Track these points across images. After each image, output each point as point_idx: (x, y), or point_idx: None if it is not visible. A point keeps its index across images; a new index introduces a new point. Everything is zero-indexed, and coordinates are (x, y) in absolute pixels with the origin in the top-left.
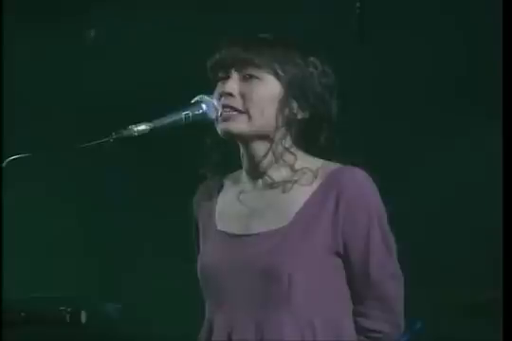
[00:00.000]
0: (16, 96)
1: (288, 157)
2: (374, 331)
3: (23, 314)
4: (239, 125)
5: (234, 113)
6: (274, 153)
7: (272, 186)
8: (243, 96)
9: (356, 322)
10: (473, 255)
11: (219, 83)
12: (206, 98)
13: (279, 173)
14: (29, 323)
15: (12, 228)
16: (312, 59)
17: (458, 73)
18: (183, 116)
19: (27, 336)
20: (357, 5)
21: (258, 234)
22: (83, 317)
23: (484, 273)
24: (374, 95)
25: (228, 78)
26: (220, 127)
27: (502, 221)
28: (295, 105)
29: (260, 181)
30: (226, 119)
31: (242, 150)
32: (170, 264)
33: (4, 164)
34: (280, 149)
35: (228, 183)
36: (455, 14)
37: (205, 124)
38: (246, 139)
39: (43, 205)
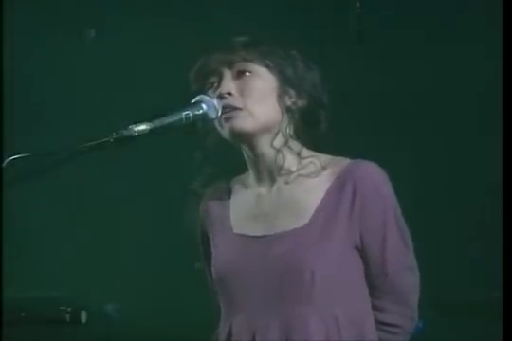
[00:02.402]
0: (16, 96)
1: (294, 145)
2: (390, 324)
3: (23, 314)
4: (244, 122)
5: (236, 111)
6: (280, 142)
7: (282, 175)
8: (241, 93)
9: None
10: (473, 255)
11: (210, 91)
12: (206, 98)
13: (287, 163)
14: (29, 323)
15: (12, 228)
16: (294, 53)
17: (458, 73)
18: (183, 116)
19: (27, 336)
20: (357, 5)
21: (278, 234)
22: (83, 317)
23: (485, 273)
24: (372, 95)
25: (219, 81)
26: (226, 127)
27: (502, 220)
28: (293, 93)
29: (272, 177)
30: (229, 119)
31: (247, 150)
32: (170, 264)
33: (4, 164)
34: (286, 136)
35: (236, 186)
36: (455, 14)
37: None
38: (253, 135)
39: (42, 204)
